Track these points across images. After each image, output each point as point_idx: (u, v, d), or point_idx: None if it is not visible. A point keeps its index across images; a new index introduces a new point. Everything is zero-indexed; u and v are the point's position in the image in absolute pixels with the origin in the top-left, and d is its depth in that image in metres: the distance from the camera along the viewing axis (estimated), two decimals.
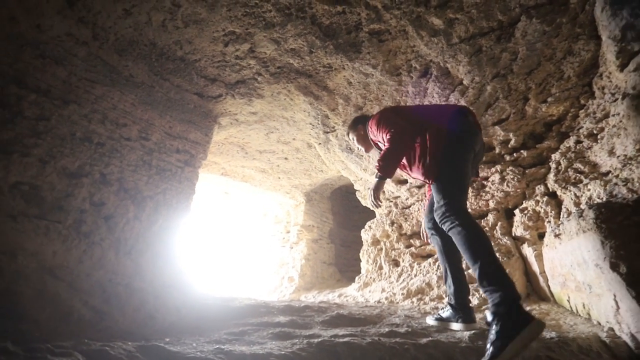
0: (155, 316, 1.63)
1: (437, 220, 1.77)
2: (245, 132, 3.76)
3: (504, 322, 1.36)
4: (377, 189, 1.97)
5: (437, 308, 2.67)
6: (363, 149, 2.46)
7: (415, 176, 2.12)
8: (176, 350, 0.85)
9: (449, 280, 2.02)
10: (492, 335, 1.36)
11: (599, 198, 2.16)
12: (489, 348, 1.32)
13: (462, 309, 1.93)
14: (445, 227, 1.73)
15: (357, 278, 4.03)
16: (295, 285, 4.76)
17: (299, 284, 4.76)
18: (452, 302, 1.97)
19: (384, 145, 2.03)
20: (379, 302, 3.17)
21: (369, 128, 2.25)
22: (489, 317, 1.42)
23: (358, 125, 2.41)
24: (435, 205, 1.79)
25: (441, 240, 2.07)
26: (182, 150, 3.04)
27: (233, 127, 3.66)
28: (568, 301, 2.08)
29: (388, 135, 1.98)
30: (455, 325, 1.90)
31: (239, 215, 6.00)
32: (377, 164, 1.94)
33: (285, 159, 4.28)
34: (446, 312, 2.00)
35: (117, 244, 2.17)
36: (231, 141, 3.94)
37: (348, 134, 2.53)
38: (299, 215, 5.12)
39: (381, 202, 2.11)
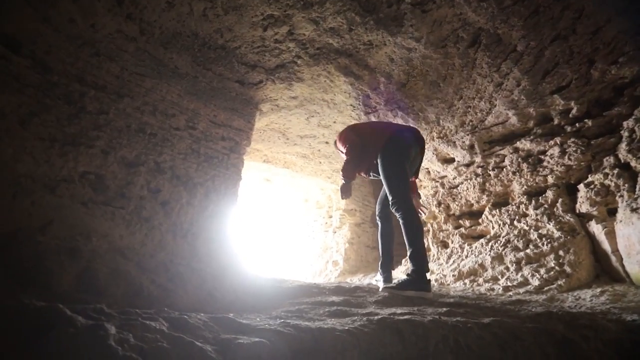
0: (214, 295, 1.70)
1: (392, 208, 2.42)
2: (286, 117, 3.78)
3: (410, 280, 2.13)
4: (342, 190, 2.68)
5: (492, 289, 2.56)
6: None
7: (373, 176, 2.77)
8: (247, 322, 0.87)
9: (386, 257, 2.88)
10: (400, 279, 2.20)
11: None
12: (394, 282, 2.24)
13: (389, 275, 2.82)
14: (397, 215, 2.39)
15: (403, 260, 3.95)
16: (340, 269, 4.78)
17: (344, 267, 4.78)
18: (386, 272, 2.82)
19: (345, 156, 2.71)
20: None
21: (337, 144, 2.89)
22: (405, 275, 2.24)
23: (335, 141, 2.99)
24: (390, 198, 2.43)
25: (382, 228, 2.92)
26: (227, 137, 3.12)
27: (274, 113, 3.68)
28: None
29: (345, 149, 2.69)
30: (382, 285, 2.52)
31: (280, 202, 6.11)
32: (341, 173, 2.68)
33: (326, 143, 4.26)
34: (384, 278, 2.79)
35: (173, 228, 2.29)
36: (272, 127, 3.97)
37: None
38: (340, 200, 5.10)
39: (349, 196, 2.77)
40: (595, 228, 2.38)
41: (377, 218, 2.95)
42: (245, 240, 6.70)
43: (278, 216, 6.34)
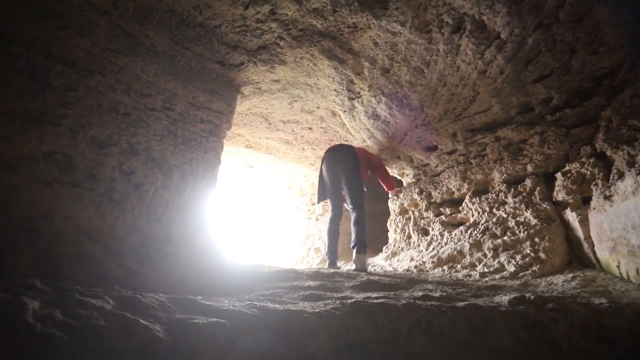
0: (186, 279, 1.65)
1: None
2: (269, 101, 3.69)
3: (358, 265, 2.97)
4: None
5: (469, 275, 2.59)
6: None
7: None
8: (209, 303, 0.83)
9: (335, 245, 3.52)
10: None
11: None
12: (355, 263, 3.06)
13: (336, 260, 3.45)
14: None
15: (384, 248, 3.98)
16: (322, 256, 4.79)
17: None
18: (336, 257, 3.46)
19: None
20: (407, 270, 3.12)
21: None
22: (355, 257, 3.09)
23: None
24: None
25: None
26: (206, 120, 3.02)
27: (256, 96, 3.59)
28: (618, 267, 1.94)
29: None
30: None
31: (263, 188, 6.04)
32: None
33: (310, 129, 4.19)
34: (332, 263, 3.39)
35: (147, 211, 2.21)
36: (254, 112, 3.88)
37: None
38: None
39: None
40: (570, 216, 2.43)
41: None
42: (227, 226, 6.62)
43: (261, 203, 6.28)
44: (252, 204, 6.44)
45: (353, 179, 3.36)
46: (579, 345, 1.34)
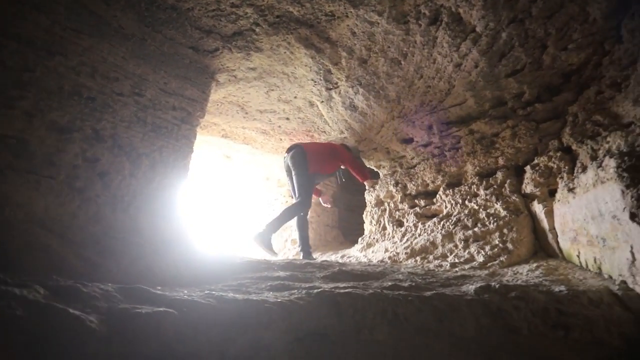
0: (152, 269, 1.60)
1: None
2: (245, 90, 3.60)
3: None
4: None
5: (441, 266, 2.64)
6: None
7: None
8: (162, 293, 0.80)
9: (306, 235, 4.00)
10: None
11: (618, 150, 2.03)
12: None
13: (310, 250, 3.96)
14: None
15: (360, 239, 4.01)
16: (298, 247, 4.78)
17: None
18: (309, 247, 3.97)
19: None
20: (382, 261, 3.15)
21: None
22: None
23: None
24: None
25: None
26: (178, 107, 2.92)
27: (232, 84, 3.50)
28: (578, 256, 2.02)
29: None
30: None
31: (241, 179, 5.95)
32: None
33: (287, 119, 4.13)
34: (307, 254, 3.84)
35: (113, 200, 2.12)
36: (230, 100, 3.78)
37: None
38: None
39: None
40: (537, 207, 2.50)
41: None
42: (204, 217, 6.51)
43: (239, 194, 6.19)
44: (230, 195, 6.34)
45: (297, 175, 3.78)
46: (538, 331, 1.38)
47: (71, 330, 0.52)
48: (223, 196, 6.36)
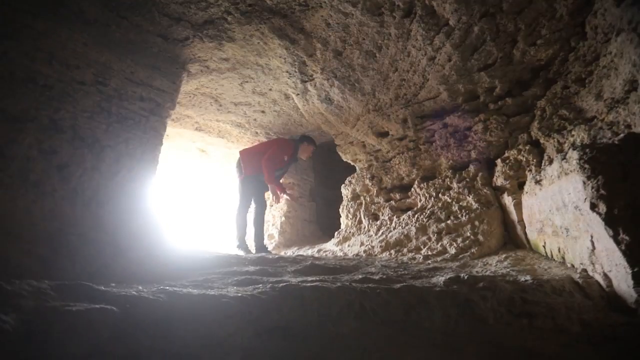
0: (112, 266, 1.52)
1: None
2: (218, 81, 3.50)
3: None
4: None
5: (414, 258, 2.66)
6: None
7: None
8: (105, 289, 0.74)
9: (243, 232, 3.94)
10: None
11: (581, 143, 2.09)
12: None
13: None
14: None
15: (336, 233, 4.00)
16: (275, 242, 4.73)
17: (279, 240, 4.74)
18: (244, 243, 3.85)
19: None
20: (357, 255, 3.15)
21: None
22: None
23: None
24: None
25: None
26: (146, 98, 2.79)
27: (204, 75, 3.39)
28: (544, 247, 2.07)
29: None
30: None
31: (217, 173, 5.82)
32: None
33: (263, 112, 4.06)
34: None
35: (73, 194, 2.00)
36: (203, 92, 3.67)
37: None
38: None
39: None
40: (507, 200, 2.56)
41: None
42: (178, 212, 6.34)
43: (215, 189, 6.06)
44: (206, 190, 6.20)
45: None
46: (503, 320, 1.40)
47: None
48: (200, 191, 6.22)
